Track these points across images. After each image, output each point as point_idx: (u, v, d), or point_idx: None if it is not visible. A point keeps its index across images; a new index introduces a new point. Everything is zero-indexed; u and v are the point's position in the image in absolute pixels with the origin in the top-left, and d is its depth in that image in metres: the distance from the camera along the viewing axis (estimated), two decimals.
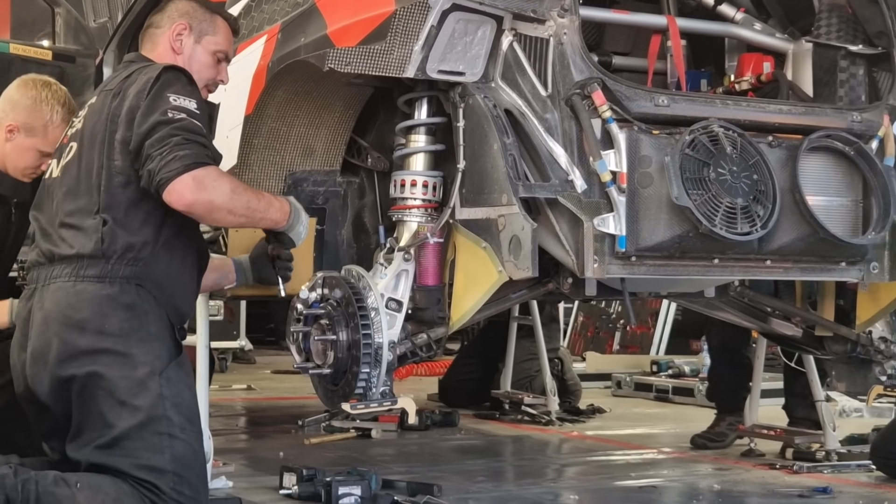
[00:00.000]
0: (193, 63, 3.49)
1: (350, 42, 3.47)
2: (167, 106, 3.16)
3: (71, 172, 3.31)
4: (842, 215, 3.62)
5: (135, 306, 3.18)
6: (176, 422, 3.14)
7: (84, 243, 3.20)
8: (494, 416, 6.28)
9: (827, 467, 4.66)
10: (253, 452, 5.00)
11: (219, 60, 3.57)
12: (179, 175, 3.07)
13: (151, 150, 3.11)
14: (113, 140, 3.22)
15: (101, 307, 3.15)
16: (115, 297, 3.16)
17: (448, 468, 4.69)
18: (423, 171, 3.62)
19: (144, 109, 3.16)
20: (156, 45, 3.53)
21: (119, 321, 3.15)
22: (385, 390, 3.46)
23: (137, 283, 3.19)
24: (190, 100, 3.21)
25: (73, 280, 3.19)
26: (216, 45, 3.55)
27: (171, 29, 3.51)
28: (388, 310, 3.47)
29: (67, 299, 3.17)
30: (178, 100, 3.19)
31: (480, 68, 3.45)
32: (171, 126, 3.13)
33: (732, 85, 4.05)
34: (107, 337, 3.14)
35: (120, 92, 3.28)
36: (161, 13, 3.58)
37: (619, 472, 4.76)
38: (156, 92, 3.19)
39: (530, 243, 3.22)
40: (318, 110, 3.99)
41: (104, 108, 3.30)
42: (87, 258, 3.19)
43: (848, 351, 4.25)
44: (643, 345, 9.19)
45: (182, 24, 3.51)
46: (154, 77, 3.22)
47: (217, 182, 3.14)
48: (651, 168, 3.34)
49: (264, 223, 3.40)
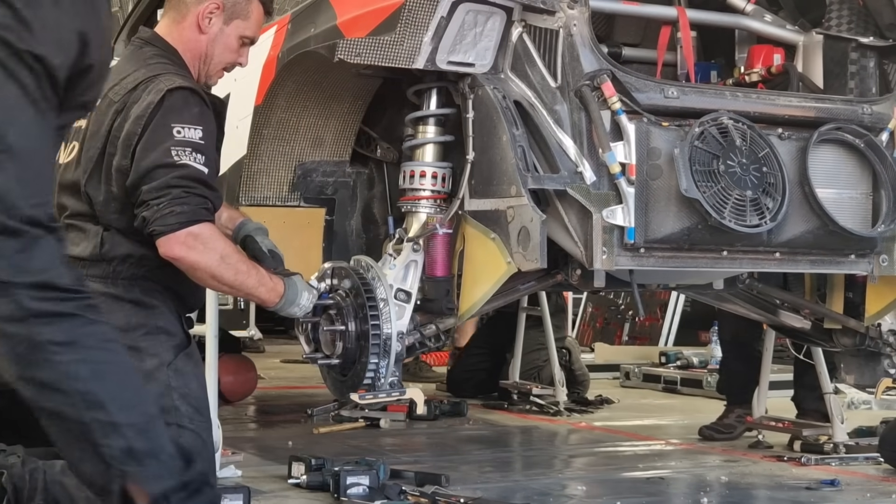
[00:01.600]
0: (217, 45, 3.34)
1: (360, 33, 3.47)
2: (170, 142, 3.00)
3: (69, 175, 3.22)
4: (852, 208, 3.62)
5: (141, 302, 3.15)
6: (184, 412, 3.14)
7: (84, 246, 3.16)
8: (503, 407, 6.29)
9: (835, 459, 4.65)
10: (262, 441, 5.01)
11: (243, 44, 3.41)
12: (174, 232, 2.97)
13: (149, 198, 2.99)
14: (111, 164, 3.10)
15: (108, 305, 3.14)
16: (120, 295, 3.13)
17: (456, 458, 4.69)
18: (432, 162, 3.62)
19: (146, 143, 3.02)
20: (183, 16, 3.32)
21: (125, 316, 3.13)
22: (394, 381, 3.47)
23: (142, 279, 3.16)
24: (196, 128, 3.05)
25: None
26: (245, 29, 3.37)
27: (204, 5, 3.31)
28: (397, 300, 3.47)
29: None
30: (183, 130, 3.03)
31: (490, 59, 3.45)
32: (172, 175, 2.98)
33: (742, 77, 4.05)
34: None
35: (123, 108, 3.12)
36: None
37: (626, 463, 4.77)
38: (158, 121, 3.03)
39: (539, 235, 3.23)
40: (328, 101, 4.00)
41: (105, 118, 3.16)
42: (88, 259, 3.16)
43: (857, 343, 4.25)
44: (652, 336, 9.19)
45: (215, 4, 3.32)
46: (157, 102, 3.05)
47: (209, 245, 3.02)
48: (660, 160, 3.34)
49: (251, 299, 3.29)
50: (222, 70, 3.40)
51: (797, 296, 4.40)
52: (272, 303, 3.23)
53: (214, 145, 3.16)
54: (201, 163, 3.04)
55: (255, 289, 3.17)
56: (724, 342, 5.69)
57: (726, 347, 5.61)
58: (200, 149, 3.05)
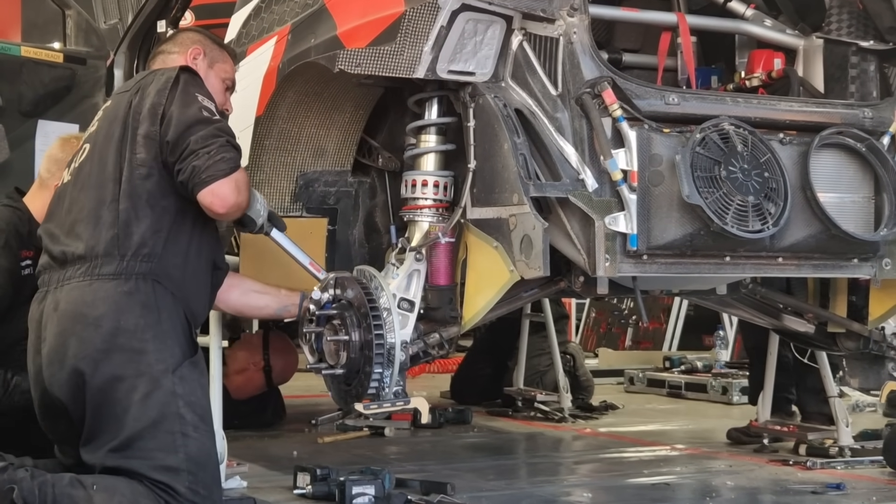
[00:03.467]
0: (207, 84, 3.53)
1: (360, 43, 3.47)
2: (200, 105, 3.28)
3: (84, 170, 3.35)
4: (854, 212, 3.61)
5: (150, 303, 3.21)
6: (189, 420, 3.16)
7: (98, 239, 3.22)
8: (507, 413, 6.29)
9: (840, 463, 4.65)
10: (267, 452, 5.01)
11: (227, 88, 3.71)
12: (226, 176, 3.20)
13: (197, 147, 3.21)
14: (136, 135, 3.28)
15: (117, 304, 3.18)
16: (132, 293, 3.19)
17: (461, 466, 4.69)
18: (433, 170, 3.62)
19: (179, 106, 3.27)
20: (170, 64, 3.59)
21: (135, 317, 3.17)
22: (398, 390, 3.47)
23: (154, 280, 3.22)
24: (212, 102, 3.35)
25: (88, 279, 3.21)
26: (226, 72, 3.70)
27: (188, 53, 3.63)
28: (401, 310, 3.48)
29: (83, 297, 3.19)
30: (205, 101, 3.32)
31: (490, 68, 3.45)
32: (212, 126, 3.26)
33: (743, 81, 4.04)
34: (122, 333, 3.16)
35: (139, 90, 3.35)
36: (172, 41, 3.73)
37: (632, 469, 4.77)
38: (182, 89, 3.31)
39: (541, 242, 3.22)
40: (329, 111, 4.00)
41: (119, 107, 3.36)
42: (101, 256, 3.21)
43: (861, 347, 4.25)
44: (656, 340, 9.20)
45: (198, 49, 3.65)
46: (174, 77, 3.33)
47: (245, 185, 3.30)
48: (662, 166, 3.34)
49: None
50: None
51: (800, 300, 4.40)
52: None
53: None
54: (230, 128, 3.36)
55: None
56: (748, 350, 5.69)
57: (752, 355, 5.59)
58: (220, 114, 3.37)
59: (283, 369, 5.64)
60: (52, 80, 5.21)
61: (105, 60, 5.52)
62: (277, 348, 5.55)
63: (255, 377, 5.57)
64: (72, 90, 5.49)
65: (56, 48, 5.89)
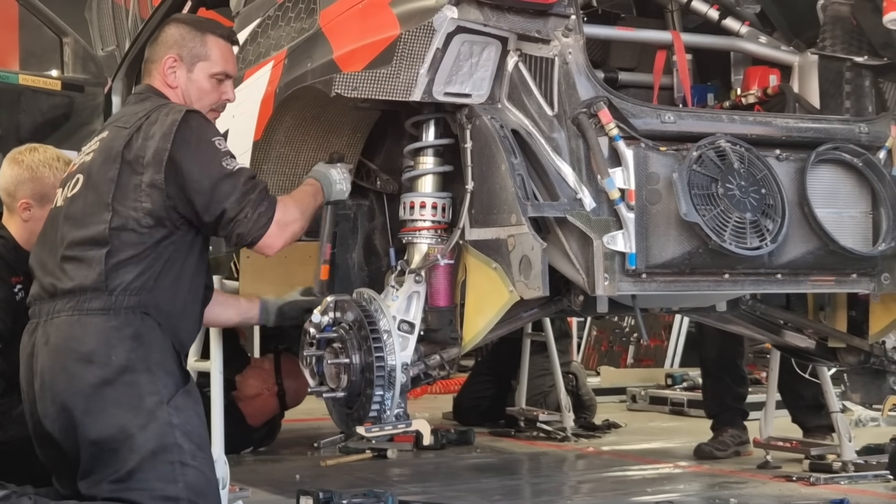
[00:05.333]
0: (191, 93, 3.49)
1: (356, 66, 3.48)
2: (218, 155, 3.28)
3: (77, 204, 3.30)
4: (852, 227, 3.61)
5: (140, 336, 3.18)
6: (187, 449, 3.15)
7: (86, 275, 3.19)
8: (510, 434, 6.28)
9: (844, 478, 4.64)
10: (269, 475, 5.01)
11: (220, 81, 3.55)
12: (268, 229, 3.27)
13: (235, 214, 3.25)
14: (140, 183, 3.22)
15: (107, 338, 3.16)
16: (121, 328, 3.17)
17: (464, 487, 4.69)
18: (431, 192, 3.62)
19: (197, 159, 3.24)
20: (152, 77, 3.52)
21: (126, 351, 3.15)
22: (399, 412, 3.46)
23: (143, 312, 3.19)
24: (223, 139, 3.35)
25: (77, 314, 3.19)
26: (211, 68, 3.52)
27: (163, 62, 3.50)
28: (401, 332, 3.47)
29: (73, 332, 3.17)
30: (222, 143, 3.32)
31: (486, 89, 3.45)
32: (239, 179, 3.27)
33: (739, 98, 4.05)
34: (113, 368, 3.14)
35: (139, 129, 3.25)
36: (154, 44, 3.58)
37: (635, 487, 4.76)
38: (197, 138, 3.26)
39: (540, 263, 3.22)
40: (327, 134, 4.01)
41: (116, 143, 3.28)
42: (89, 291, 3.19)
43: (862, 362, 4.24)
44: (657, 358, 9.18)
45: (171, 57, 3.49)
46: (180, 120, 3.25)
47: (287, 214, 3.35)
48: (659, 185, 3.34)
49: (317, 211, 3.58)
50: (211, 111, 3.48)
51: (800, 315, 4.40)
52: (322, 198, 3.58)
53: None
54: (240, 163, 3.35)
55: (314, 201, 3.55)
56: (709, 362, 5.70)
57: (713, 367, 5.64)
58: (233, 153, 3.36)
59: (297, 392, 5.65)
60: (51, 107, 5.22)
61: (103, 87, 5.54)
62: (289, 371, 5.55)
63: (269, 402, 5.58)
64: (70, 117, 5.51)
65: (54, 76, 5.90)
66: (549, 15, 3.40)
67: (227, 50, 3.56)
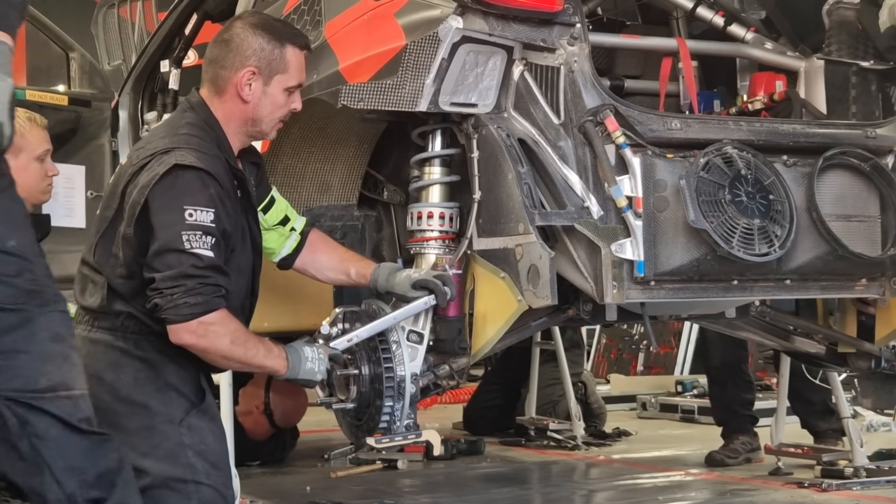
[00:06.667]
0: (264, 108, 3.27)
1: (362, 77, 3.48)
2: (182, 225, 2.98)
3: (91, 230, 3.28)
4: (860, 232, 3.61)
5: (149, 358, 3.13)
6: (201, 469, 3.12)
7: (95, 298, 3.18)
8: (520, 443, 6.27)
9: (856, 484, 4.63)
10: (280, 488, 5.00)
11: (291, 93, 3.32)
12: (186, 321, 2.99)
13: (163, 286, 2.98)
14: (119, 230, 3.12)
15: (116, 359, 3.13)
16: (128, 351, 3.13)
17: (475, 497, 4.68)
18: (439, 202, 3.63)
19: (158, 221, 3.00)
20: (222, 89, 3.26)
21: (134, 371, 3.13)
22: (409, 423, 3.46)
23: (152, 337, 3.16)
24: (207, 211, 3.01)
25: (88, 329, 3.19)
26: (287, 81, 3.28)
27: (239, 75, 3.23)
28: (410, 342, 3.47)
29: (86, 348, 3.16)
30: (195, 213, 3.00)
31: (492, 99, 3.46)
32: (187, 263, 2.97)
33: (745, 105, 4.05)
34: (123, 388, 3.11)
35: (138, 171, 3.11)
36: (226, 47, 3.27)
37: (646, 495, 4.74)
38: (171, 200, 3.01)
39: (548, 272, 3.22)
40: (333, 146, 4.02)
41: (119, 182, 3.17)
42: (96, 311, 3.18)
43: (872, 367, 4.23)
44: (667, 365, 9.15)
45: (250, 70, 3.23)
46: (161, 175, 3.02)
47: (219, 330, 3.02)
48: (666, 192, 3.35)
49: (264, 370, 3.29)
50: (279, 122, 3.37)
51: (810, 321, 4.39)
52: (281, 370, 3.19)
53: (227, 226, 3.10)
54: (209, 246, 3.00)
55: (265, 359, 3.15)
56: (713, 370, 5.69)
57: (717, 374, 5.62)
58: (210, 231, 3.01)
59: (284, 413, 5.55)
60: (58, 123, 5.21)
61: (110, 102, 5.54)
62: (279, 390, 5.45)
63: (259, 420, 5.51)
64: (77, 132, 5.50)
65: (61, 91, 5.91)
66: (554, 23, 3.40)
67: (301, 59, 3.34)
